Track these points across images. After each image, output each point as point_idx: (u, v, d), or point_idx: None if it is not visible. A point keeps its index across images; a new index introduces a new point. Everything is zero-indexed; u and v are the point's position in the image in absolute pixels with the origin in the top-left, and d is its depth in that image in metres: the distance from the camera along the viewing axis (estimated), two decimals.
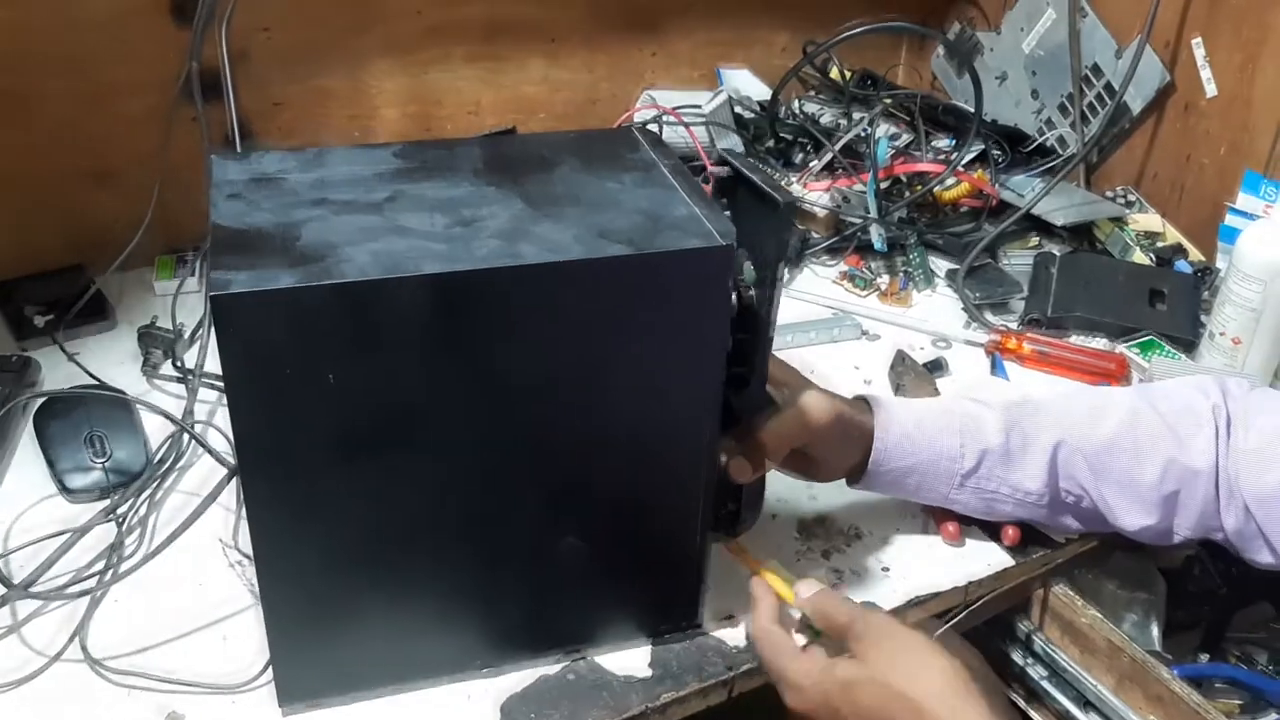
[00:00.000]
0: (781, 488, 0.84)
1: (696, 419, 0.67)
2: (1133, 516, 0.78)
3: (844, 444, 0.78)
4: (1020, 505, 0.80)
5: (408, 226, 0.61)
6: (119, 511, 0.81)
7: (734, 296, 0.64)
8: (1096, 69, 1.30)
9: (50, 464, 0.85)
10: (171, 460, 0.86)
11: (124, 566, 0.75)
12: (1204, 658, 0.99)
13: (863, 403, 0.80)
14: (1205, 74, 1.21)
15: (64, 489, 0.83)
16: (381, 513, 0.63)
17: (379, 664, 0.69)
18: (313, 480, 0.61)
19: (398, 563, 0.66)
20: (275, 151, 0.70)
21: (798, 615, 0.71)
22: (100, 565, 0.77)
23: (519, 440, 0.64)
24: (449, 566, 0.67)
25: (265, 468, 0.60)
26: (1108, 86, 1.28)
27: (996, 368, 1.05)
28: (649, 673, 0.72)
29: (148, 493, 0.83)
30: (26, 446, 0.88)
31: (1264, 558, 0.77)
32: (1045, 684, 0.87)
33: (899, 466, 0.79)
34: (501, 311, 0.59)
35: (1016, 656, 0.89)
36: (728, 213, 0.69)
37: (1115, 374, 1.04)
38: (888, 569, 0.82)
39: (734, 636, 0.75)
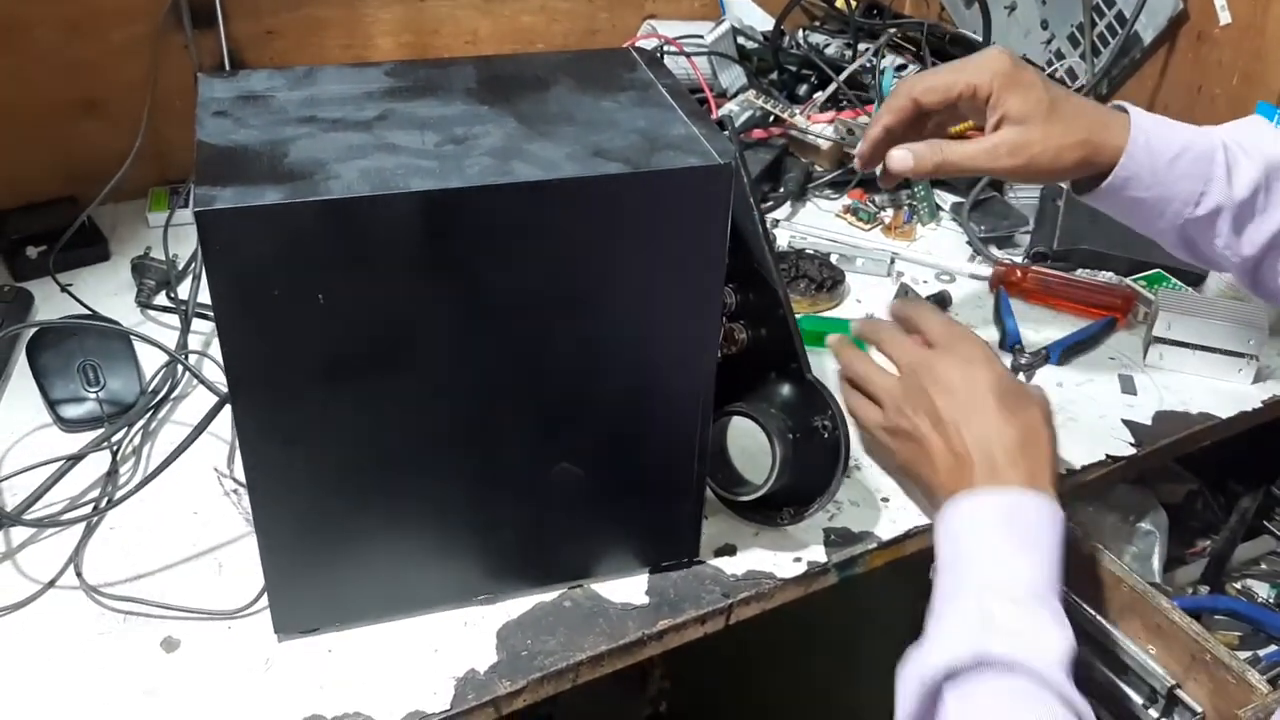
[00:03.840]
0: None
1: (695, 341, 0.65)
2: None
3: (1058, 113, 0.78)
4: (1219, 256, 0.82)
5: (398, 144, 0.59)
6: (113, 440, 0.80)
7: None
8: None
9: (44, 395, 0.84)
10: (166, 391, 0.86)
11: (119, 494, 0.75)
12: (1204, 590, 0.99)
13: (1114, 111, 0.80)
14: (1219, 1, 1.18)
15: (59, 419, 0.83)
16: (373, 436, 0.62)
17: (375, 592, 0.69)
18: (303, 403, 0.60)
19: (391, 488, 0.65)
20: (264, 70, 0.68)
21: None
22: (95, 494, 0.77)
23: (512, 362, 0.63)
24: (443, 492, 0.66)
25: (255, 391, 0.59)
26: (1119, 16, 1.25)
27: (1001, 302, 1.04)
28: (646, 600, 0.72)
29: (141, 423, 0.83)
30: (20, 378, 0.87)
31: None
32: None
33: (1132, 196, 0.79)
34: (492, 230, 0.58)
35: None
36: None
37: (1121, 308, 1.03)
38: (887, 499, 0.81)
39: (732, 565, 0.75)
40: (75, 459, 0.79)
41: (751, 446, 0.74)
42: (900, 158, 0.81)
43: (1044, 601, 0.64)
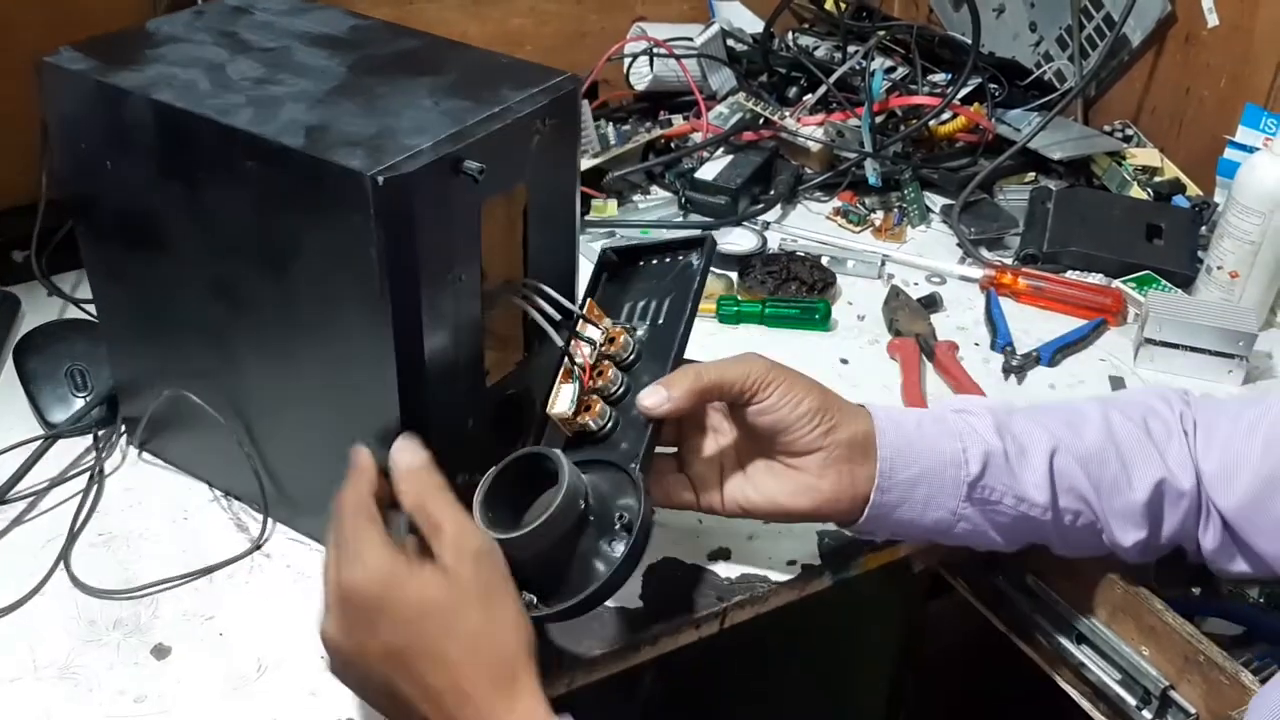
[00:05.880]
0: None
1: (371, 363, 0.64)
2: (1128, 532, 0.72)
3: (839, 429, 0.67)
4: (1022, 520, 0.71)
5: (233, 76, 0.67)
6: (100, 444, 0.80)
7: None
8: (1096, 0, 1.27)
9: (31, 400, 0.83)
10: None
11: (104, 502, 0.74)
12: (1196, 591, 0.99)
13: (849, 403, 0.70)
14: (1207, 3, 1.18)
15: (46, 424, 0.82)
16: (155, 277, 0.71)
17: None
18: (110, 244, 0.73)
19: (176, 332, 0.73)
20: None
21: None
22: (79, 499, 0.76)
23: (227, 291, 0.68)
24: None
25: (86, 224, 0.73)
26: (1107, 18, 1.26)
27: (992, 304, 1.04)
28: (640, 604, 0.72)
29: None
30: (6, 384, 0.86)
31: (1237, 567, 0.73)
32: (1036, 616, 0.87)
33: (907, 476, 0.68)
34: (205, 156, 0.64)
35: (1005, 588, 0.88)
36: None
37: (1111, 309, 1.03)
38: None
39: (726, 569, 0.75)
40: (53, 438, 0.80)
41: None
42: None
43: None
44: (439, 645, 0.55)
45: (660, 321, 0.70)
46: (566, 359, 0.69)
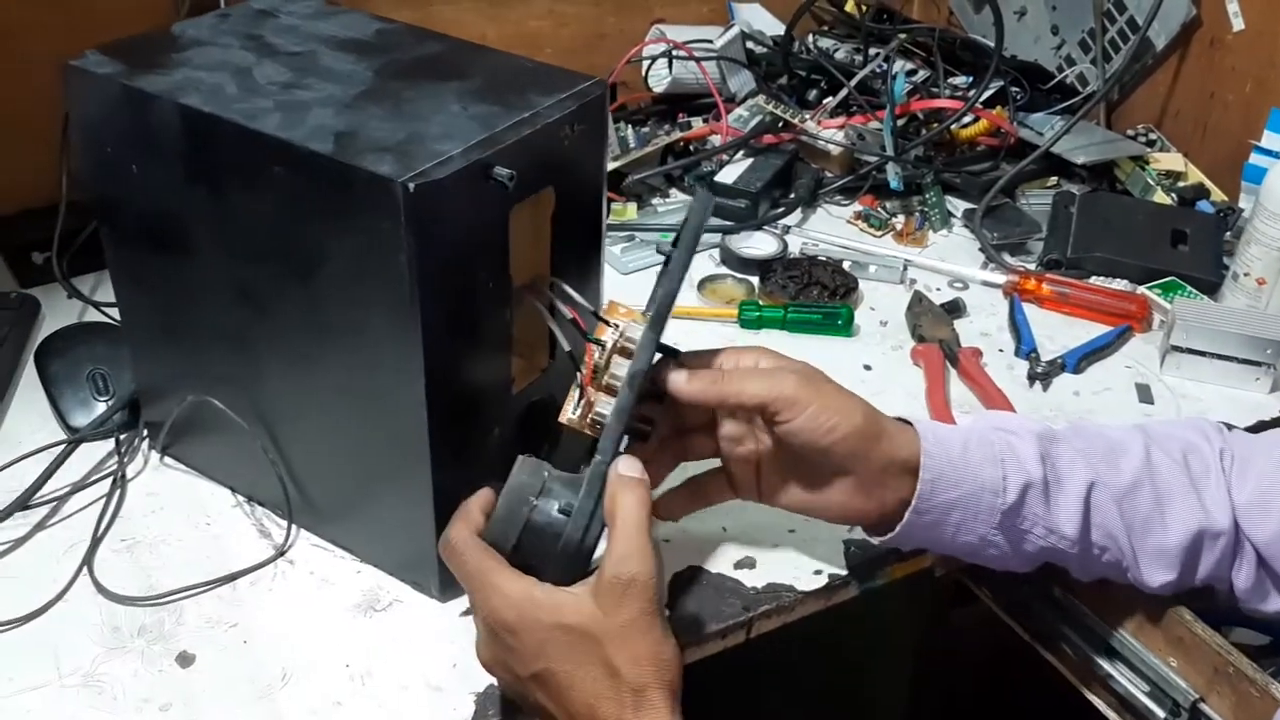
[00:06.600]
0: None
1: (399, 370, 0.63)
2: (1157, 572, 0.71)
3: (876, 453, 0.65)
4: (1048, 550, 0.70)
5: (259, 80, 0.67)
6: (122, 449, 0.79)
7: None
8: (1119, 3, 1.26)
9: (53, 403, 0.83)
10: None
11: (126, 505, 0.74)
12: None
13: (894, 419, 0.68)
14: (1232, 7, 1.17)
15: (67, 428, 0.82)
16: (179, 279, 0.71)
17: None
18: (135, 248, 0.72)
19: (197, 332, 0.73)
20: None
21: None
22: (102, 504, 0.76)
23: (254, 296, 0.68)
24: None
25: (110, 228, 0.73)
26: (1130, 21, 1.25)
27: (1015, 310, 1.03)
28: (665, 613, 0.71)
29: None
30: (28, 387, 0.86)
31: (1271, 605, 0.72)
32: (1063, 627, 0.86)
33: (945, 500, 0.66)
34: (232, 160, 0.64)
35: (1030, 598, 0.88)
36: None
37: (1136, 315, 1.02)
38: None
39: (752, 578, 0.74)
40: (76, 442, 0.80)
41: None
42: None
43: None
44: (574, 669, 0.57)
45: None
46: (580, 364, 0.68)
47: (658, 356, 0.64)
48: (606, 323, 0.66)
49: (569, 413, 0.65)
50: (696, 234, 0.65)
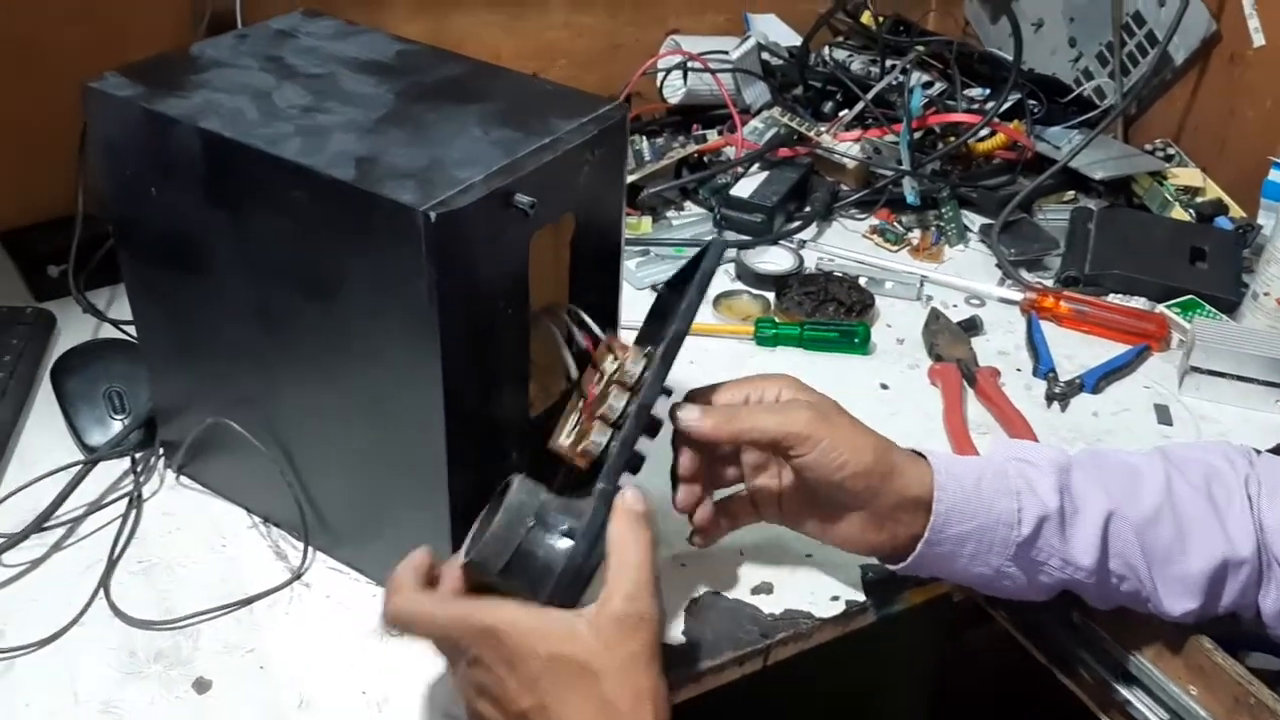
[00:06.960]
0: None
1: (418, 394, 0.62)
2: (1178, 601, 0.70)
3: (887, 490, 0.66)
4: (1064, 581, 0.70)
5: (280, 104, 0.66)
6: (138, 468, 0.79)
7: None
8: (1138, 16, 1.25)
9: (69, 421, 0.83)
10: None
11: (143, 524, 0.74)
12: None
13: (909, 452, 0.69)
14: (1253, 23, 1.17)
15: (84, 447, 0.82)
16: (196, 301, 0.71)
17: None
18: (153, 269, 0.72)
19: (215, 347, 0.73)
20: (333, 20, 0.77)
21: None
22: (118, 525, 0.75)
23: (272, 319, 0.68)
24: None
25: (129, 248, 0.73)
26: (1149, 35, 1.24)
27: (1033, 328, 1.02)
28: (682, 639, 0.71)
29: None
30: (44, 404, 0.86)
31: None
32: (1080, 652, 0.85)
33: (958, 532, 0.66)
34: (252, 185, 0.64)
35: (1047, 622, 0.87)
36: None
37: (1155, 335, 1.02)
38: None
39: (769, 604, 0.74)
40: (93, 463, 0.80)
41: None
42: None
43: None
44: (568, 704, 0.55)
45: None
46: (576, 389, 0.68)
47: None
48: (613, 352, 0.66)
49: (561, 438, 0.65)
50: (708, 279, 0.66)
